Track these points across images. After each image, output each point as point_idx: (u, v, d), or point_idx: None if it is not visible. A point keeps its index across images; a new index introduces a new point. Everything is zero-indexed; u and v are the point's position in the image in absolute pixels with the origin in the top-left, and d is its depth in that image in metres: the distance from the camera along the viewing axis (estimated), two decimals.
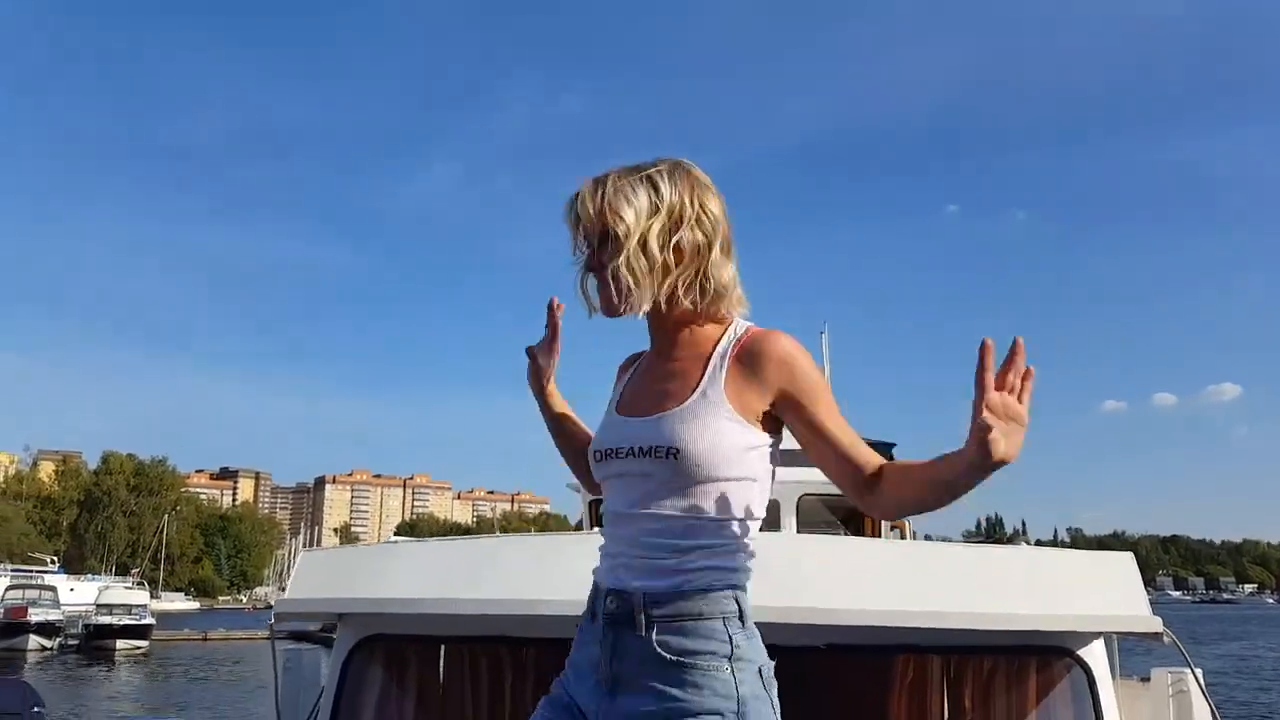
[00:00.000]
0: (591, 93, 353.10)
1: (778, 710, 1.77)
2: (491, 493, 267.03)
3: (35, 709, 6.72)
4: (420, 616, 3.29)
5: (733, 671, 1.73)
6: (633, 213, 1.83)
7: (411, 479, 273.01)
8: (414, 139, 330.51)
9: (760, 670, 1.77)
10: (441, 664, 3.54)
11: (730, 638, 1.75)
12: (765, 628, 2.97)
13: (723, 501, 1.78)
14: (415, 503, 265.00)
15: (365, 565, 3.71)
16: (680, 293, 1.87)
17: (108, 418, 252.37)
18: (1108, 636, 3.25)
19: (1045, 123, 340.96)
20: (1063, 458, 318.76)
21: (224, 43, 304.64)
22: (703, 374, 1.85)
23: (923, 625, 2.93)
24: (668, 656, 1.74)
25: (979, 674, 3.21)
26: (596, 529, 1.96)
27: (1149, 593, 3.12)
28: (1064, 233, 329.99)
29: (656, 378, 1.92)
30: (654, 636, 1.76)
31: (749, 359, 1.83)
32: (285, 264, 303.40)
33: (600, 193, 1.86)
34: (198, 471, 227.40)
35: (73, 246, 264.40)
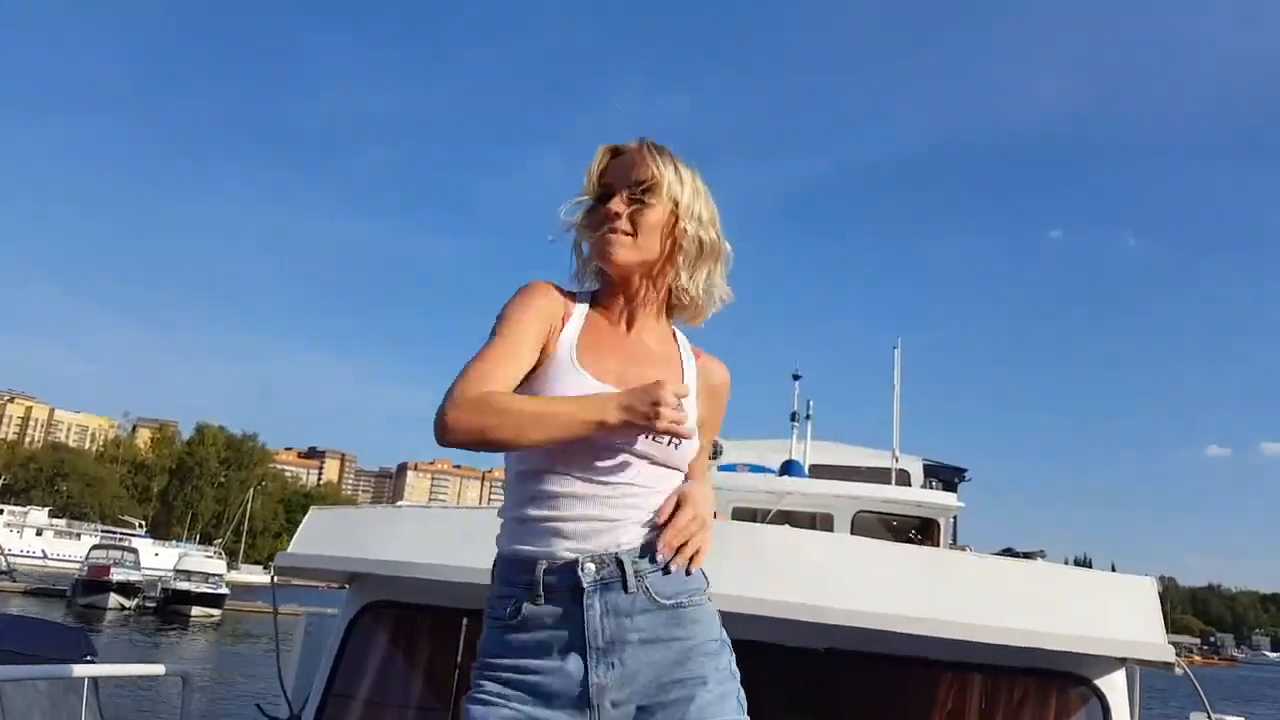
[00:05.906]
0: (692, 91, 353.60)
1: None
2: None
3: (87, 657, 6.84)
4: (436, 584, 3.18)
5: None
6: (673, 172, 1.85)
7: (490, 472, 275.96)
8: (519, 135, 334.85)
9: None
10: (462, 637, 3.45)
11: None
12: (762, 624, 2.87)
13: None
14: (492, 495, 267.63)
15: (376, 527, 3.62)
16: (675, 277, 1.87)
17: (205, 391, 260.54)
18: (1130, 670, 3.09)
19: (1163, 142, 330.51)
20: (1161, 500, 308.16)
21: (340, 29, 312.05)
22: (683, 375, 1.89)
23: (917, 633, 2.81)
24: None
25: (984, 693, 3.08)
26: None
27: (1242, 651, 2.94)
28: (1179, 261, 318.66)
29: (640, 358, 1.85)
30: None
31: (711, 380, 1.94)
32: (389, 251, 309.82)
33: (646, 146, 1.87)
34: (286, 449, 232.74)
35: (187, 225, 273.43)
